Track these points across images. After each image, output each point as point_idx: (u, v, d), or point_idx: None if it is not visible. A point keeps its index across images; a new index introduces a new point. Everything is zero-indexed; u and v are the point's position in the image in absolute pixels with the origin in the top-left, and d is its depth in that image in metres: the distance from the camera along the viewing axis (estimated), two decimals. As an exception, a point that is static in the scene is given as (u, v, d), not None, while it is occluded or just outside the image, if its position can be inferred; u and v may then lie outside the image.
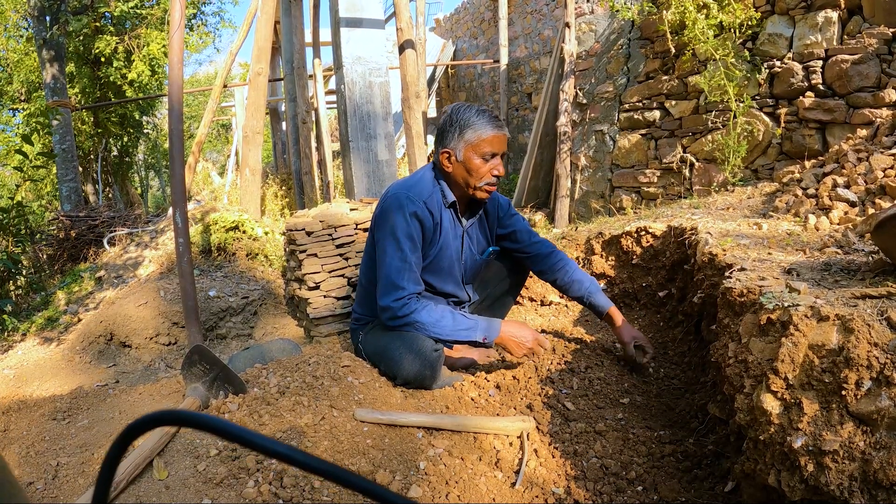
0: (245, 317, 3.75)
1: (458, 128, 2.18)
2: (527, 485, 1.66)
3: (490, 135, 2.16)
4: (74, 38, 8.44)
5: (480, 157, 2.17)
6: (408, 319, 2.11)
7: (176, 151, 2.86)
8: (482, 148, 2.17)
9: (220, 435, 0.47)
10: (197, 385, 1.99)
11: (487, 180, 2.21)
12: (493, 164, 2.20)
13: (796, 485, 1.20)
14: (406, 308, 2.11)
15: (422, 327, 2.10)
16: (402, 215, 2.14)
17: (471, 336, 2.11)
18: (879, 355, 1.13)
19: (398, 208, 2.15)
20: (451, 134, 2.20)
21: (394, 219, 2.15)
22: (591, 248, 3.24)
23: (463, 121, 2.18)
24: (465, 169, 2.20)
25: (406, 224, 2.14)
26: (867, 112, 3.50)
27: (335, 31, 4.38)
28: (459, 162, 2.20)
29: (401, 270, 2.13)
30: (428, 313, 2.10)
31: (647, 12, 4.88)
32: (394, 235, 2.14)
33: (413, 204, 2.15)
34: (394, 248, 2.14)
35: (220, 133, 21.88)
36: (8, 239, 4.64)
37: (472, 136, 2.16)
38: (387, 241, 2.16)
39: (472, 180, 2.21)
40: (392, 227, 2.15)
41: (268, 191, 8.28)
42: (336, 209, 3.36)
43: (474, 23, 10.75)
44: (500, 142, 2.19)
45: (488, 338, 2.12)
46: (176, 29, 2.82)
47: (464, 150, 2.18)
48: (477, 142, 2.16)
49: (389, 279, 2.13)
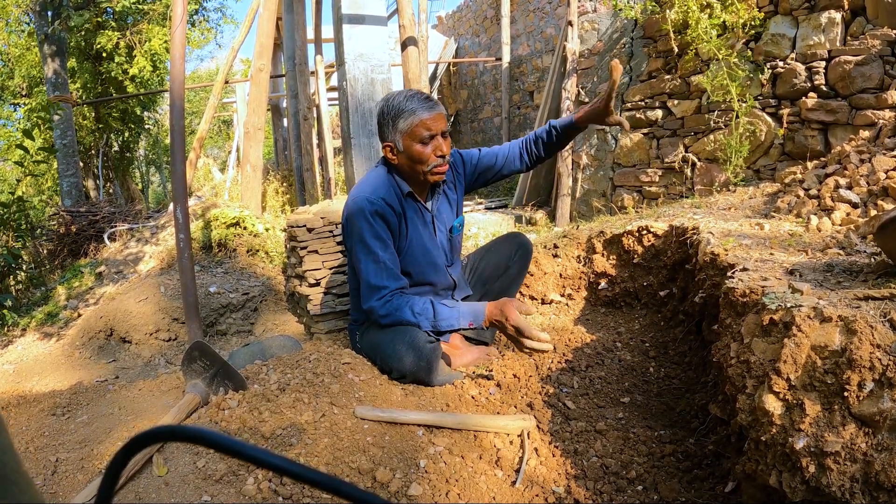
0: (245, 313, 3.75)
1: (392, 119, 2.16)
2: (527, 483, 1.65)
3: (423, 117, 2.13)
4: (76, 33, 8.43)
5: (419, 142, 2.14)
6: (392, 319, 2.14)
7: (177, 147, 2.86)
8: (419, 132, 2.13)
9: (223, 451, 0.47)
10: (197, 381, 1.98)
11: (434, 163, 2.18)
12: (436, 145, 2.16)
13: (797, 486, 1.20)
14: (389, 306, 2.14)
15: (408, 322, 2.13)
16: (365, 218, 2.15)
17: (454, 324, 2.11)
18: (882, 357, 1.12)
19: (359, 212, 2.15)
20: (387, 127, 2.19)
21: (358, 224, 2.16)
22: (592, 246, 3.24)
23: (394, 110, 2.15)
24: (408, 158, 2.18)
25: (370, 225, 2.15)
26: (870, 113, 3.49)
27: (337, 28, 4.37)
28: (401, 152, 2.19)
29: (376, 272, 2.15)
30: (410, 311, 2.13)
31: (650, 11, 4.88)
32: (362, 241, 2.16)
33: (372, 204, 2.15)
34: (365, 253, 2.16)
35: (221, 129, 21.87)
36: (8, 234, 4.64)
37: (406, 125, 2.14)
38: (357, 248, 2.19)
39: (418, 167, 2.19)
40: (359, 233, 2.16)
41: (269, 187, 8.28)
42: (337, 206, 3.36)
43: (477, 20, 10.73)
44: (435, 122, 2.15)
45: (475, 321, 2.10)
46: (178, 24, 2.82)
47: (402, 140, 2.16)
48: (412, 128, 2.13)
49: (367, 283, 2.16)
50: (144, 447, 0.48)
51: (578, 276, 3.26)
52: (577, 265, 3.27)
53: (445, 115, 2.22)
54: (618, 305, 3.12)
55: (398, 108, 2.14)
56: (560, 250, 3.32)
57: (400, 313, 2.12)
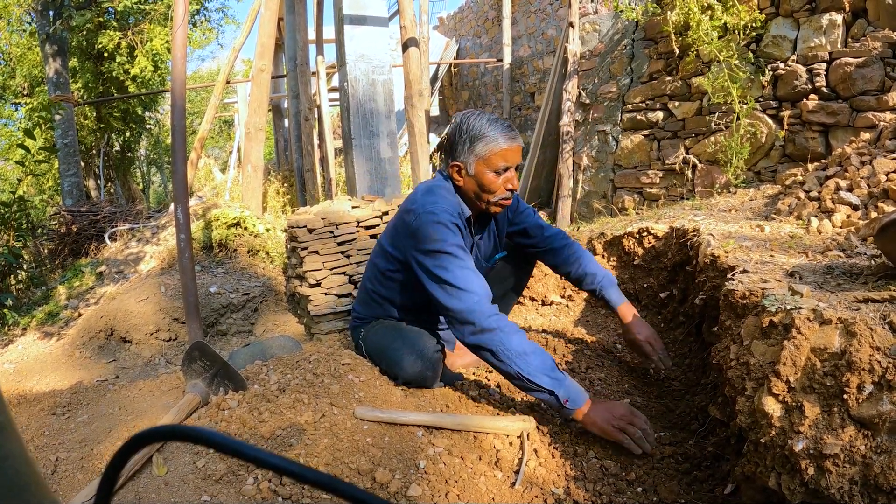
0: (246, 313, 3.75)
1: (469, 140, 2.03)
2: (526, 485, 1.65)
3: (503, 147, 2.01)
4: (77, 33, 8.44)
5: (493, 171, 2.03)
6: (493, 337, 1.82)
7: (178, 147, 2.86)
8: (495, 162, 2.02)
9: (222, 451, 0.47)
10: (197, 381, 1.99)
11: (501, 195, 2.08)
12: (507, 178, 2.06)
13: (797, 488, 1.20)
14: (495, 320, 1.84)
15: (505, 352, 1.80)
16: (446, 228, 1.98)
17: (555, 388, 1.77)
18: (881, 359, 1.12)
19: (437, 222, 1.98)
20: (460, 146, 2.06)
21: (440, 233, 1.96)
22: (592, 248, 3.24)
23: (474, 132, 2.03)
24: (476, 184, 2.07)
25: (453, 234, 1.98)
26: (871, 115, 3.49)
27: (339, 29, 4.38)
28: (471, 176, 2.06)
29: (469, 278, 1.91)
30: (518, 342, 1.82)
31: (651, 13, 4.88)
32: (447, 251, 1.94)
33: (451, 216, 2.02)
34: (453, 261, 1.93)
35: (222, 129, 21.89)
36: (9, 233, 4.64)
37: (484, 150, 2.02)
38: (443, 258, 1.95)
39: (484, 195, 2.08)
40: (442, 241, 1.95)
41: (269, 187, 8.29)
42: (338, 207, 3.36)
43: (478, 21, 10.74)
44: (514, 154, 2.04)
45: (570, 402, 1.77)
46: (179, 25, 2.82)
47: (475, 164, 2.04)
48: (489, 155, 2.02)
49: (461, 286, 1.90)
50: (144, 447, 0.48)
51: (579, 278, 3.25)
52: (578, 266, 3.26)
53: (523, 147, 2.12)
54: (618, 307, 3.12)
55: (479, 130, 2.02)
56: (560, 251, 3.32)
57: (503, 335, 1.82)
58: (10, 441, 0.42)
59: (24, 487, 0.42)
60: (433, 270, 1.95)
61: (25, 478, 0.43)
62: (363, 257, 3.30)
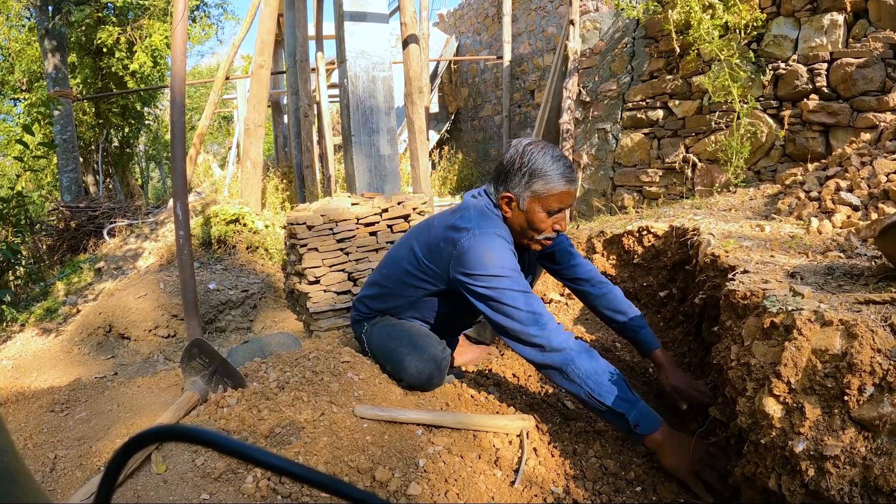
0: (244, 310, 3.75)
1: (528, 174, 1.95)
2: (526, 483, 1.65)
3: (562, 189, 1.94)
4: (76, 28, 8.41)
5: (545, 211, 1.97)
6: (565, 356, 1.76)
7: (177, 143, 2.86)
8: (550, 203, 1.96)
9: (222, 451, 0.47)
10: (196, 378, 1.98)
11: (547, 235, 2.03)
12: (557, 219, 2.00)
13: (797, 489, 1.20)
14: (566, 341, 1.78)
15: (575, 371, 1.75)
16: (505, 252, 1.92)
17: (625, 409, 1.69)
18: (882, 361, 1.12)
19: (497, 247, 1.93)
20: (517, 178, 1.98)
21: (501, 258, 1.90)
22: (592, 246, 3.24)
23: (535, 167, 1.95)
24: (525, 219, 2.00)
25: (512, 259, 1.93)
26: (871, 116, 3.49)
27: (339, 25, 4.37)
28: (521, 211, 2.00)
29: (533, 301, 1.86)
30: (589, 360, 1.76)
31: (652, 11, 4.87)
32: (508, 275, 1.88)
33: (507, 243, 1.97)
34: (514, 284, 1.87)
35: (221, 125, 21.85)
36: (8, 229, 4.63)
37: (542, 189, 1.94)
38: (503, 280, 1.87)
39: (530, 232, 2.02)
40: (502, 266, 1.89)
41: (269, 184, 8.28)
42: (337, 203, 3.36)
43: (478, 19, 10.72)
44: (570, 197, 1.98)
45: (641, 427, 1.69)
46: (179, 20, 2.81)
47: (528, 201, 1.97)
48: (546, 195, 1.95)
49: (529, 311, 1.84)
50: (143, 447, 0.48)
51: (578, 276, 3.25)
52: (577, 265, 3.26)
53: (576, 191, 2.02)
54: (617, 306, 3.12)
55: (540, 167, 1.95)
56: (560, 250, 3.32)
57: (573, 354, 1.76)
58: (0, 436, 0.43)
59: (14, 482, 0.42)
60: (490, 294, 1.88)
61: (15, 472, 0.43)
62: (362, 254, 3.29)
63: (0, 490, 0.41)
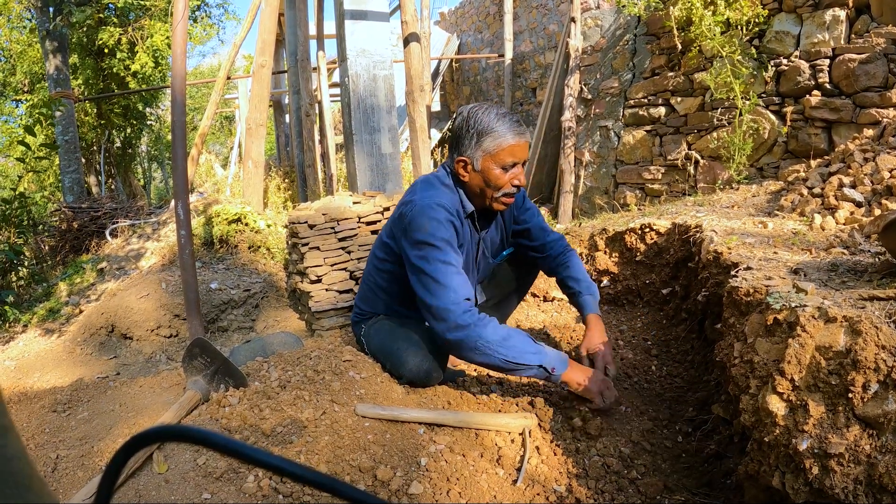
0: (246, 309, 3.75)
1: (476, 134, 2.00)
2: (528, 482, 1.65)
3: (512, 143, 1.99)
4: (78, 29, 8.41)
5: (500, 167, 2.01)
6: (470, 333, 1.83)
7: (179, 143, 2.85)
8: (503, 157, 2.00)
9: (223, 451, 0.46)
10: (198, 378, 1.98)
11: (506, 191, 2.06)
12: (514, 174, 2.04)
13: (800, 487, 1.19)
14: (469, 316, 1.84)
15: (485, 345, 1.82)
16: (438, 222, 1.97)
17: (543, 361, 1.84)
18: (887, 358, 1.11)
19: (431, 217, 1.98)
20: (467, 141, 2.03)
21: (430, 226, 1.96)
22: (594, 244, 3.23)
23: (482, 126, 2.00)
24: (482, 179, 2.04)
25: (444, 230, 1.97)
26: (874, 112, 3.47)
27: (339, 24, 4.36)
28: (477, 172, 2.04)
29: (449, 274, 1.91)
30: (494, 330, 1.84)
31: (653, 8, 4.85)
32: (435, 244, 1.94)
33: (447, 213, 2.00)
34: (437, 253, 1.94)
35: (223, 125, 21.86)
36: (10, 230, 4.64)
37: (492, 145, 1.99)
38: (429, 249, 1.95)
39: (489, 191, 2.05)
40: (430, 234, 1.95)
41: (270, 183, 8.28)
42: (339, 202, 3.35)
43: (479, 17, 10.71)
44: (522, 150, 2.02)
45: (556, 370, 1.86)
46: (179, 20, 2.81)
47: (482, 160, 2.01)
48: (497, 151, 1.99)
49: (441, 280, 1.91)
50: (144, 447, 0.48)
51: (580, 274, 3.24)
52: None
53: (531, 144, 2.13)
54: (620, 303, 3.11)
55: (487, 125, 1.99)
56: (562, 248, 3.31)
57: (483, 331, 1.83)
58: (14, 442, 0.43)
59: (28, 486, 0.43)
60: (415, 261, 1.97)
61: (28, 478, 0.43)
62: (364, 253, 3.29)
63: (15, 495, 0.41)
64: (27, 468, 0.44)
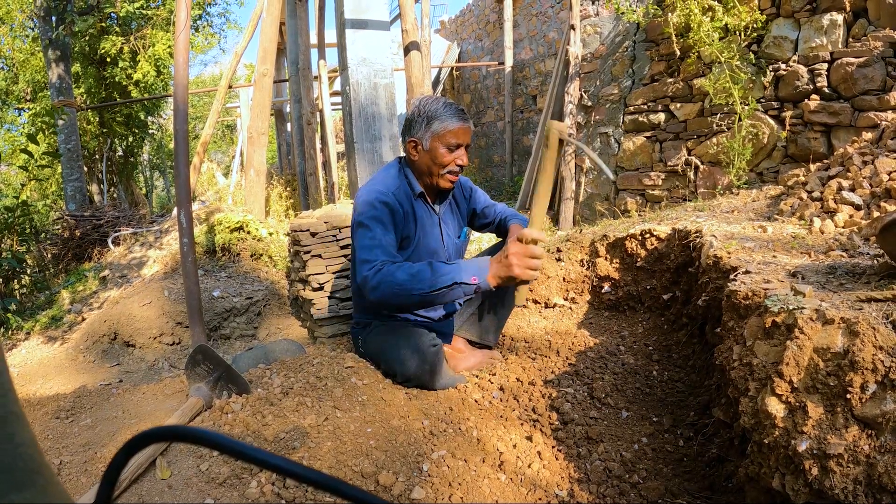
0: (249, 317, 3.76)
1: (426, 118, 2.26)
2: (530, 487, 1.65)
3: (456, 126, 2.25)
4: (80, 38, 8.47)
5: (446, 147, 2.26)
6: (385, 283, 1.98)
7: (181, 152, 2.87)
8: (448, 138, 2.25)
9: (223, 451, 0.47)
10: (200, 385, 1.99)
11: (451, 168, 2.29)
12: (458, 154, 2.29)
13: (801, 488, 1.20)
14: (381, 274, 2.00)
15: (401, 288, 1.96)
16: (370, 204, 2.19)
17: (457, 277, 1.94)
18: (885, 359, 1.12)
19: (366, 202, 2.21)
20: (418, 124, 2.28)
21: (361, 209, 2.20)
22: (595, 250, 3.24)
23: (430, 112, 2.26)
24: (430, 158, 2.29)
25: (374, 210, 2.18)
26: (872, 115, 3.49)
27: (340, 33, 4.39)
28: (426, 151, 2.29)
29: (371, 248, 2.11)
30: (404, 270, 1.99)
31: (652, 15, 4.88)
32: (362, 224, 2.17)
33: (382, 194, 2.22)
34: (363, 232, 2.16)
35: (224, 134, 21.94)
36: (13, 238, 4.66)
37: (439, 127, 2.24)
38: (357, 231, 2.19)
39: (435, 168, 2.29)
40: (360, 217, 2.19)
41: (272, 192, 8.30)
42: (340, 210, 3.37)
43: (479, 25, 10.76)
44: (464, 133, 2.28)
45: (478, 276, 1.95)
46: (181, 29, 2.83)
47: (430, 140, 2.27)
48: (443, 132, 2.25)
49: (361, 258, 2.10)
50: (144, 447, 0.49)
51: (581, 280, 3.25)
52: (581, 269, 3.27)
53: (472, 131, 2.36)
54: (621, 309, 3.12)
55: (435, 111, 2.26)
56: (563, 254, 3.32)
57: (392, 277, 1.98)
58: (24, 430, 0.45)
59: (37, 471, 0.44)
60: (352, 241, 2.23)
61: (38, 464, 0.45)
62: (366, 260, 3.30)
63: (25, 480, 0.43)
64: (37, 455, 0.45)
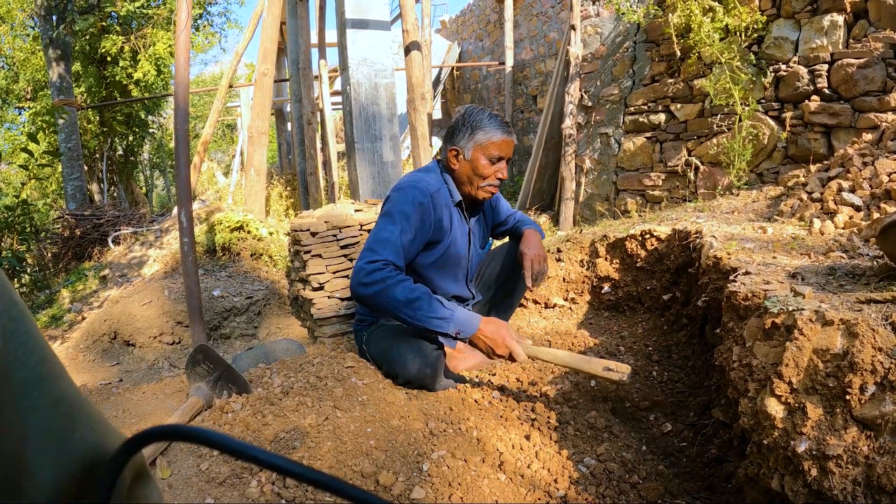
0: (249, 317, 3.76)
1: (470, 128, 2.24)
2: (529, 487, 1.66)
3: (500, 139, 2.22)
4: (81, 37, 8.47)
5: (487, 158, 2.23)
6: (378, 289, 1.94)
7: (181, 151, 2.87)
8: (490, 150, 2.23)
9: (222, 450, 0.47)
10: (200, 384, 1.99)
11: (490, 182, 2.28)
12: (499, 167, 2.26)
13: (800, 489, 1.20)
14: (379, 274, 1.95)
15: (392, 303, 1.93)
16: (406, 200, 2.15)
17: (443, 327, 1.94)
18: (884, 360, 1.12)
19: (404, 195, 2.17)
20: (461, 133, 2.26)
21: (397, 201, 2.16)
22: (595, 250, 3.24)
23: (475, 122, 2.23)
24: (471, 168, 2.26)
25: (407, 207, 2.13)
26: (873, 116, 3.49)
27: (341, 33, 4.39)
28: (467, 161, 2.26)
29: (385, 241, 2.05)
30: (404, 290, 1.94)
31: (652, 15, 4.88)
32: (390, 214, 2.13)
33: (421, 194, 2.18)
34: (386, 222, 2.11)
35: (225, 133, 21.94)
36: (13, 237, 4.66)
37: (483, 138, 2.22)
38: (382, 218, 2.15)
39: (476, 180, 2.27)
40: (391, 207, 2.15)
41: (273, 191, 8.30)
42: (341, 210, 3.37)
43: (480, 25, 10.76)
44: (507, 146, 2.25)
45: (462, 333, 1.96)
46: (182, 29, 2.83)
47: (472, 150, 2.24)
48: (486, 143, 2.22)
49: (369, 245, 2.05)
50: (144, 446, 0.49)
51: (582, 280, 3.26)
52: (581, 269, 3.27)
53: (515, 144, 2.39)
54: (621, 309, 3.12)
55: (479, 121, 2.24)
56: (563, 254, 3.32)
57: (391, 290, 1.93)
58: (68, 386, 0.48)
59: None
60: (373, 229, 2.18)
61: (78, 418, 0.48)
62: (366, 260, 3.30)
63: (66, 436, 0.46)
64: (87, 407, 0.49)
